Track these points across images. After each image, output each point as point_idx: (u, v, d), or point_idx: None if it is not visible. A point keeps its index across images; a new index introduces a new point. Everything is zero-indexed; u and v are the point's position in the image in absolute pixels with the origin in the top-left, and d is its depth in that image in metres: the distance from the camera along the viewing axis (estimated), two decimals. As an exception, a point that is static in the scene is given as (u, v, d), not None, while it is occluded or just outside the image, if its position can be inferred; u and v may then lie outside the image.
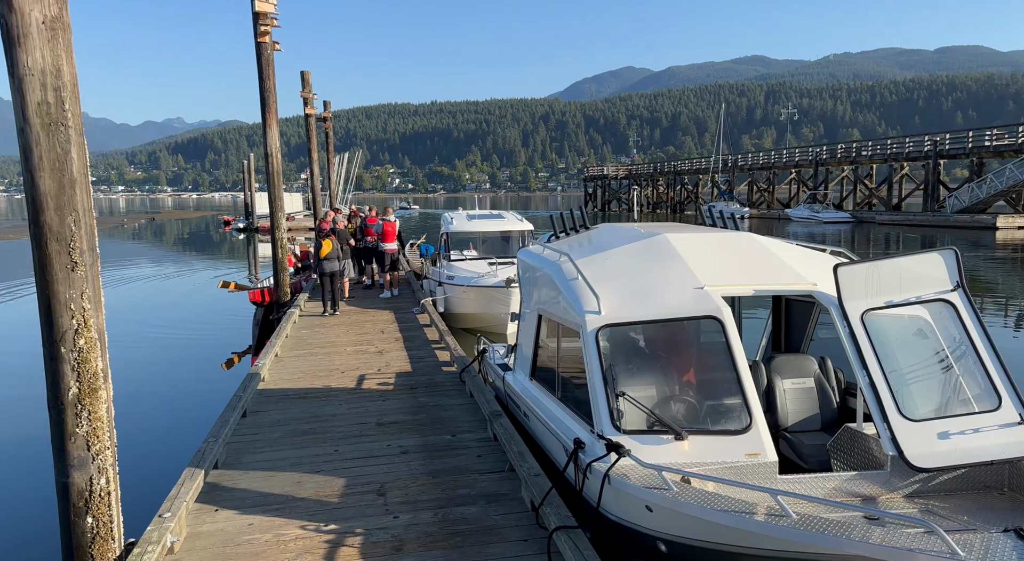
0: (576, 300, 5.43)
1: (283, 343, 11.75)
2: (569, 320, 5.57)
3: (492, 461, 6.41)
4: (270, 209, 16.10)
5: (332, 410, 8.08)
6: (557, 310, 5.92)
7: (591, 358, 5.02)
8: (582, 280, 5.53)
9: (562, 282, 5.81)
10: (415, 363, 10.32)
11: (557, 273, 6.00)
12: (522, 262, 7.25)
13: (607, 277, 5.55)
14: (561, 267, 6.00)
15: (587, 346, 5.10)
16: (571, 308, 5.46)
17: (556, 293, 5.93)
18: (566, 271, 5.88)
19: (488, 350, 8.97)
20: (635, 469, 4.43)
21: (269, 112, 15.70)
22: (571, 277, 5.75)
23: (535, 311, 6.67)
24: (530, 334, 6.82)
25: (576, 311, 5.35)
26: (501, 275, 14.07)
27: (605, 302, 5.23)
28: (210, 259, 36.13)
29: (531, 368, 6.78)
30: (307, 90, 27.16)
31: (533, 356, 6.73)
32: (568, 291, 5.62)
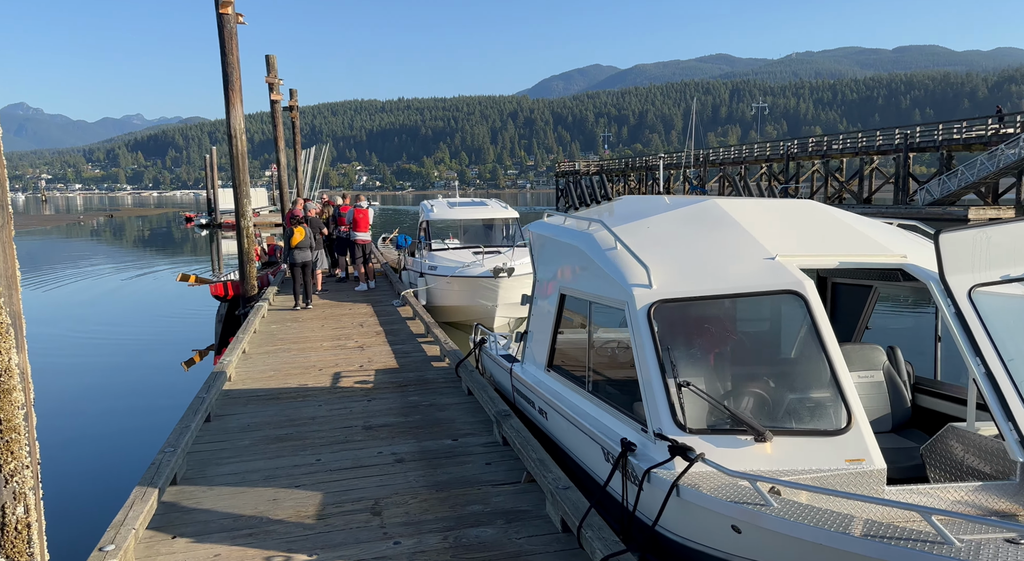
0: (618, 273, 4.51)
1: (251, 339, 10.63)
2: (608, 297, 4.64)
3: (505, 470, 5.45)
4: (235, 195, 14.90)
5: (310, 412, 7.05)
6: (589, 287, 4.99)
7: (643, 341, 4.10)
8: (624, 250, 4.61)
9: (596, 253, 4.87)
10: (401, 358, 9.30)
11: (588, 244, 5.06)
12: (536, 236, 6.28)
13: (654, 246, 4.63)
14: (593, 236, 5.06)
15: (637, 327, 4.18)
16: (612, 283, 4.54)
17: (588, 267, 4.99)
18: (600, 241, 4.95)
19: (487, 340, 7.98)
20: (710, 478, 3.52)
21: (233, 90, 14.50)
22: (607, 247, 4.82)
23: (555, 290, 5.73)
24: (547, 318, 5.87)
25: (620, 286, 4.43)
26: (488, 265, 13.11)
27: (657, 274, 4.32)
28: (172, 256, 34.54)
29: (548, 358, 5.84)
30: (272, 75, 25.83)
31: (551, 343, 5.78)
32: (606, 263, 4.70)
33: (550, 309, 5.85)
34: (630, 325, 4.28)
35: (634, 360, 4.23)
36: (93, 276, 25.64)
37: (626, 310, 4.35)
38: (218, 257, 33.59)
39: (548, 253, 6.00)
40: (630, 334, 4.28)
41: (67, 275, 25.85)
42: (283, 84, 26.41)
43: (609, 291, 4.62)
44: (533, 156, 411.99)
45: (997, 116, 47.70)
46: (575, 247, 5.25)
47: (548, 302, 5.94)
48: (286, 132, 30.65)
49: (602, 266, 4.73)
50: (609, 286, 4.61)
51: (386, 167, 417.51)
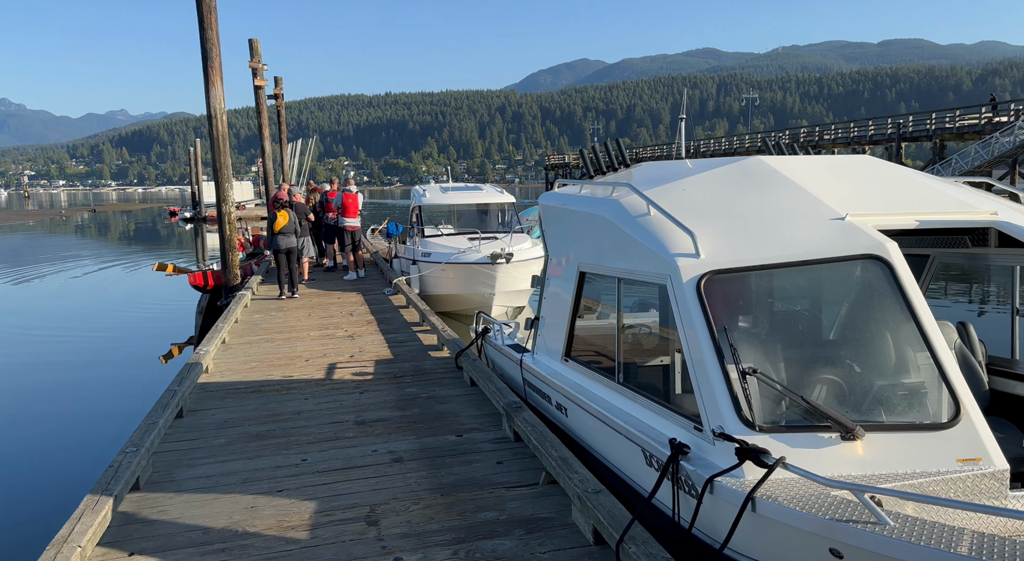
0: (656, 242, 3.81)
1: (232, 328, 9.87)
2: (644, 272, 3.94)
3: (519, 470, 4.74)
4: (214, 178, 14.07)
5: (296, 406, 6.31)
6: (618, 261, 4.29)
7: (693, 320, 3.41)
8: (661, 215, 3.91)
9: (626, 222, 4.16)
10: (395, 348, 8.57)
11: (615, 211, 4.34)
12: (548, 208, 5.56)
13: (697, 210, 3.93)
14: (620, 203, 4.35)
15: (684, 304, 3.48)
16: (648, 255, 3.84)
17: (615, 238, 4.29)
18: (630, 207, 4.24)
19: (492, 328, 7.26)
20: (789, 488, 2.84)
21: (212, 67, 13.67)
22: (639, 213, 4.11)
23: (573, 269, 5.02)
24: (564, 301, 5.17)
25: (659, 257, 3.73)
26: (484, 250, 12.39)
27: (705, 242, 3.62)
28: (154, 250, 33.59)
29: (566, 346, 5.13)
30: (256, 60, 24.92)
31: (569, 330, 5.08)
32: (640, 232, 3.99)
33: (567, 291, 5.14)
34: (674, 303, 3.59)
35: (681, 345, 3.53)
36: (71, 270, 24.71)
37: (668, 285, 3.65)
38: (202, 250, 32.70)
39: (563, 226, 5.29)
40: (674, 314, 3.59)
41: (44, 270, 24.90)
42: (267, 70, 25.53)
43: (645, 264, 3.92)
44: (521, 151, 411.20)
45: (990, 104, 47.40)
46: (598, 217, 4.54)
47: (564, 283, 5.23)
48: (272, 126, 29.76)
49: (634, 236, 4.03)
50: (645, 258, 3.90)
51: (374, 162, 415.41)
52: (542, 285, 5.78)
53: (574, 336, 5.12)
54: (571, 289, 5.05)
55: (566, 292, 5.16)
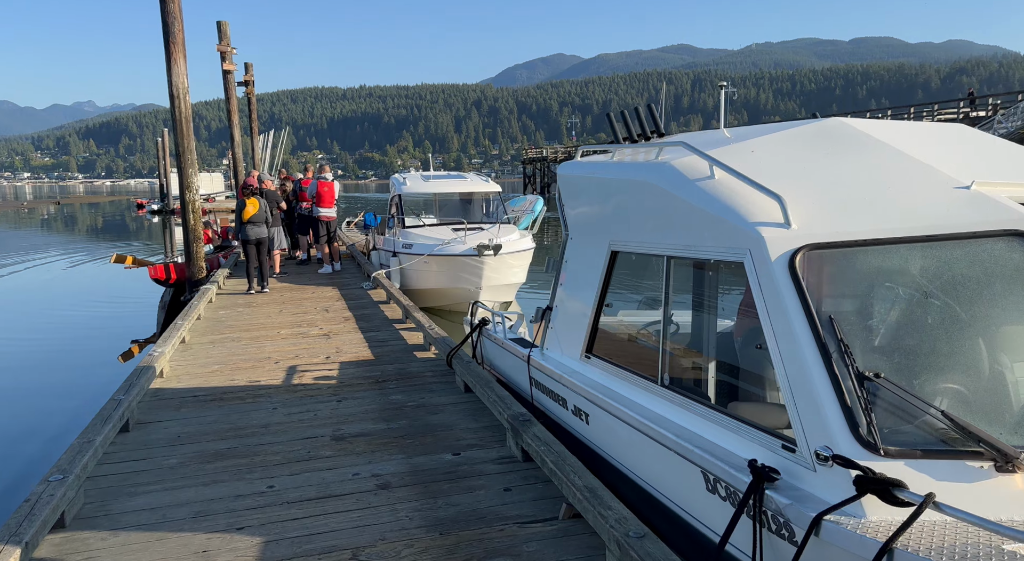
0: (727, 208, 3.04)
1: (194, 326, 8.93)
2: (709, 246, 3.17)
3: (531, 499, 3.94)
4: (178, 165, 13.06)
5: (263, 417, 5.44)
6: (669, 235, 3.51)
7: (786, 307, 2.65)
8: (732, 177, 3.14)
9: (683, 186, 3.37)
10: (376, 347, 7.71)
11: (666, 175, 3.54)
12: (571, 178, 4.72)
13: (774, 173, 3.17)
14: (672, 166, 3.55)
15: (772, 286, 2.73)
16: (717, 223, 3.08)
17: (667, 207, 3.51)
18: (687, 169, 3.45)
19: (491, 321, 6.41)
20: (933, 534, 2.09)
21: (174, 43, 12.64)
22: (700, 176, 3.33)
23: (602, 248, 4.21)
24: (588, 286, 4.37)
25: (734, 225, 2.97)
26: (470, 242, 11.55)
27: (796, 208, 2.86)
28: (120, 244, 32.25)
29: (588, 340, 4.33)
30: (225, 43, 23.76)
31: (594, 320, 4.28)
32: (702, 197, 3.21)
33: (592, 275, 4.33)
34: (756, 285, 2.82)
35: (766, 339, 2.76)
36: (31, 265, 23.40)
37: (748, 262, 2.88)
38: (171, 243, 31.44)
39: (590, 199, 4.46)
40: (756, 299, 2.81)
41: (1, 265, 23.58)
42: (236, 54, 24.37)
43: (711, 237, 3.14)
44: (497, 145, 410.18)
45: (968, 99, 47.48)
46: (642, 183, 3.73)
47: (588, 266, 4.43)
48: (243, 119, 28.57)
49: (696, 202, 3.24)
50: (712, 229, 3.12)
51: (348, 156, 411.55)
52: (558, 269, 4.97)
53: (599, 329, 4.32)
54: (598, 273, 4.25)
55: (591, 276, 4.35)
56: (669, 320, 3.60)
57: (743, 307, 3.65)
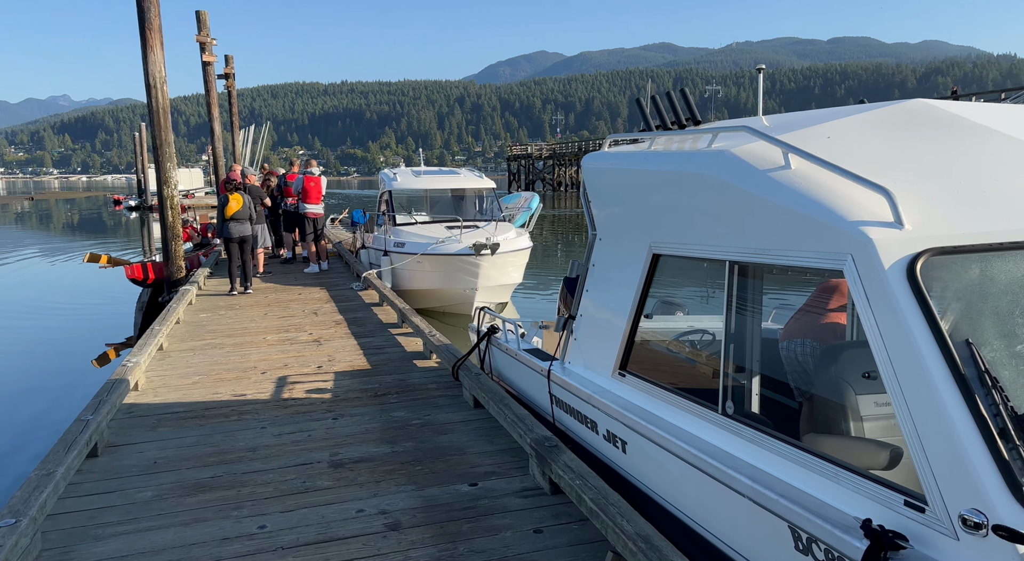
0: (816, 204, 2.53)
1: (172, 331, 8.30)
2: (792, 249, 2.65)
3: (567, 544, 3.39)
4: (155, 158, 12.36)
5: (250, 439, 4.85)
6: (734, 236, 2.98)
7: (908, 327, 2.15)
8: (817, 167, 2.62)
9: (751, 178, 2.85)
10: (372, 356, 7.12)
11: (727, 165, 3.01)
12: (598, 172, 4.18)
13: (870, 162, 2.66)
14: (734, 155, 3.02)
15: (885, 300, 2.23)
16: (805, 222, 2.56)
17: (732, 202, 2.98)
18: (754, 158, 2.92)
19: (502, 329, 5.84)
20: None
21: (150, 29, 11.95)
22: (772, 166, 2.81)
23: (641, 251, 3.68)
24: (622, 294, 3.84)
25: (829, 225, 2.45)
26: (466, 240, 10.99)
27: (908, 204, 2.35)
28: (96, 241, 31.30)
29: (622, 355, 3.80)
30: (204, 33, 22.96)
31: (630, 332, 3.75)
32: (780, 191, 2.68)
33: (628, 281, 3.80)
34: (862, 299, 2.30)
35: (878, 365, 2.24)
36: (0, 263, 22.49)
37: (849, 270, 2.37)
38: (149, 240, 30.55)
39: (624, 194, 3.92)
40: (864, 316, 2.30)
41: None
42: (216, 45, 23.57)
43: (793, 238, 2.62)
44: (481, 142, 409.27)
45: (952, 97, 47.62)
46: (697, 175, 3.20)
47: (621, 270, 3.90)
48: (223, 114, 27.74)
49: (769, 197, 2.72)
50: (794, 229, 2.60)
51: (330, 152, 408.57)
52: (583, 273, 4.43)
53: (635, 342, 3.79)
54: (635, 279, 3.72)
55: (625, 282, 3.82)
56: (731, 336, 3.07)
57: (826, 320, 3.15)
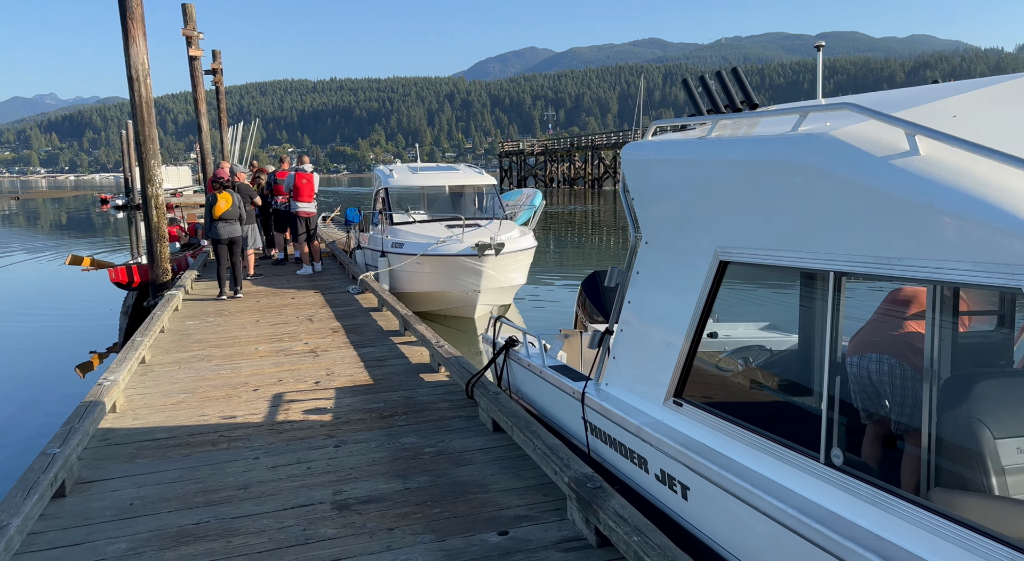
0: (971, 201, 2.00)
1: (156, 341, 7.68)
2: (931, 258, 2.10)
3: (627, 610, 2.83)
4: (139, 155, 11.71)
5: (241, 473, 4.26)
6: (840, 240, 2.42)
7: None
8: (979, 155, 2.06)
9: (870, 168, 2.28)
10: (374, 369, 6.53)
11: (834, 153, 2.43)
12: (644, 164, 3.58)
13: (1016, 144, 2.10)
14: (839, 140, 2.42)
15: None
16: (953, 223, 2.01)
17: (837, 197, 2.41)
18: (867, 143, 2.34)
19: (523, 342, 5.24)
20: None
21: (132, 20, 11.29)
22: (895, 152, 2.25)
23: (704, 256, 3.12)
24: (676, 307, 3.27)
25: (1000, 227, 1.90)
26: (468, 240, 10.40)
27: None
28: (83, 241, 30.52)
29: (678, 379, 3.24)
30: (190, 27, 22.25)
31: (689, 353, 3.19)
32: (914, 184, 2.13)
33: (683, 291, 3.24)
34: None
35: None
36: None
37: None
38: (137, 240, 29.78)
39: (680, 189, 3.33)
40: None
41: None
42: (203, 38, 22.85)
43: (940, 245, 2.06)
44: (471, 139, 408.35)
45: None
46: (786, 164, 2.62)
47: (675, 279, 3.33)
48: (211, 112, 27.03)
49: (900, 192, 2.16)
50: (941, 233, 2.05)
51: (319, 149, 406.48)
52: (623, 282, 3.86)
53: (694, 365, 3.22)
54: (696, 289, 3.15)
55: (682, 294, 3.25)
56: (838, 366, 2.51)
57: (903, 331, 2.60)
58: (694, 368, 3.25)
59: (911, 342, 2.97)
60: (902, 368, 2.79)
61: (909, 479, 2.39)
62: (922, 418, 2.51)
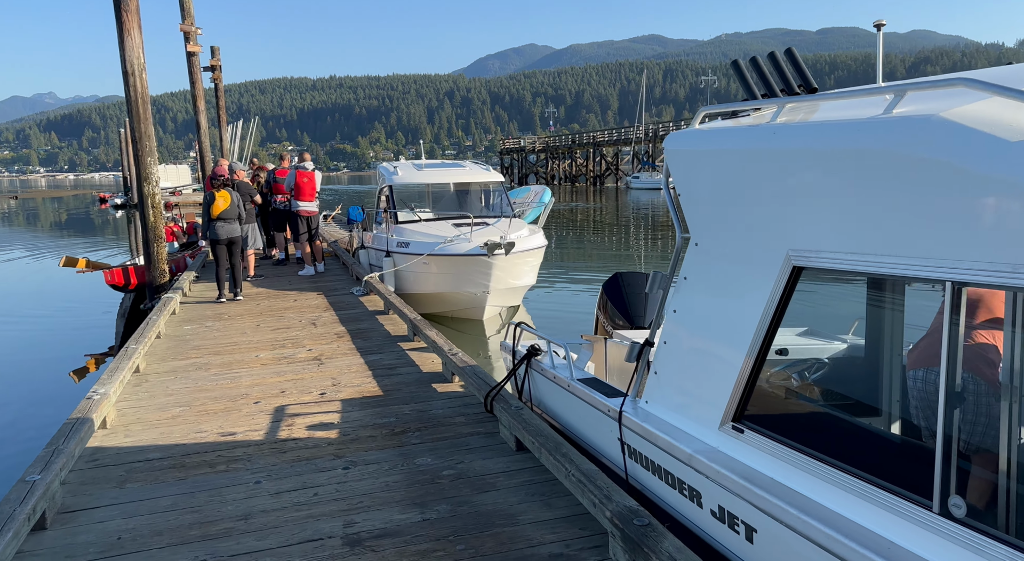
0: None
1: (152, 348, 7.29)
2: None
3: None
4: (134, 153, 11.30)
5: (241, 500, 3.86)
6: (955, 244, 2.02)
7: None
8: None
9: (1004, 159, 1.88)
10: (383, 378, 6.12)
11: (947, 139, 2.02)
12: (692, 156, 3.16)
13: None
14: (956, 123, 2.01)
15: None
16: None
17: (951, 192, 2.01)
18: (995, 126, 1.94)
19: (547, 350, 4.82)
20: None
21: (127, 11, 10.88)
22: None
23: (772, 262, 2.71)
24: (735, 319, 2.87)
25: None
26: (477, 239, 10.00)
27: None
28: (82, 240, 30.12)
29: (738, 402, 2.84)
30: (188, 22, 21.83)
31: (752, 374, 2.79)
32: None
33: (748, 302, 2.83)
34: None
35: None
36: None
37: None
38: (136, 240, 29.40)
39: (745, 184, 2.89)
40: None
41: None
42: (201, 34, 22.42)
43: None
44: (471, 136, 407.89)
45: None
46: (887, 153, 2.21)
47: (734, 287, 2.93)
48: (211, 110, 26.63)
49: None
50: None
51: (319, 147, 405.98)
52: (666, 288, 3.45)
53: (756, 386, 2.82)
54: (761, 299, 2.75)
55: (743, 303, 2.85)
56: (955, 395, 2.11)
57: (978, 341, 2.20)
58: (759, 389, 2.84)
59: (983, 352, 2.57)
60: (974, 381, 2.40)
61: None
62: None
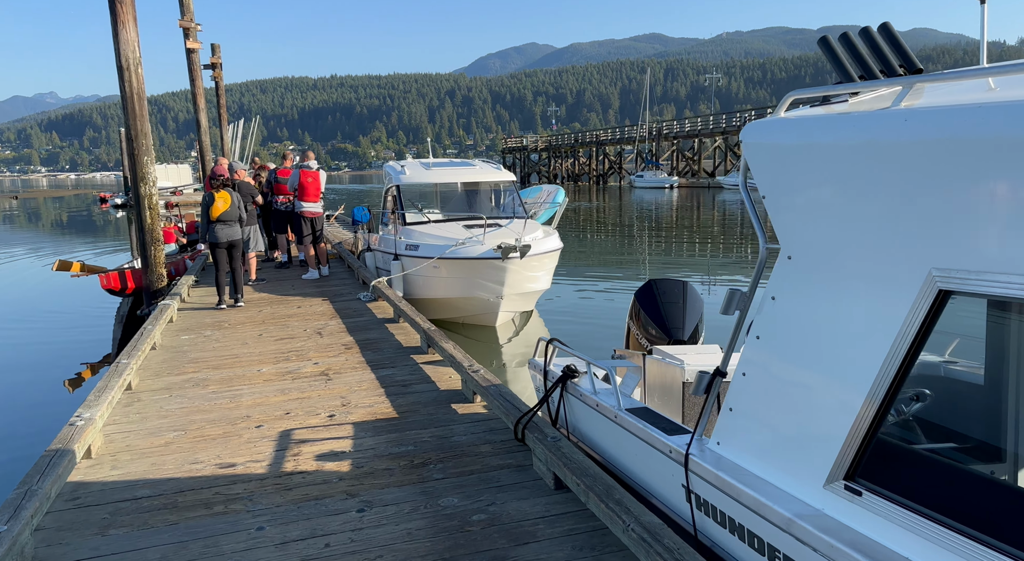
0: None
1: (146, 361, 6.76)
2: None
3: None
4: (130, 151, 10.78)
5: (241, 550, 3.33)
6: None
7: None
8: None
9: None
10: (397, 396, 5.59)
11: None
12: (781, 151, 2.57)
13: None
14: None
15: None
16: None
17: None
18: None
19: (586, 372, 4.27)
20: None
21: (121, 3, 10.35)
22: None
23: (906, 282, 2.16)
24: (848, 353, 2.33)
25: None
26: (490, 242, 9.47)
27: None
28: (82, 241, 29.61)
29: (855, 455, 2.31)
30: (187, 18, 21.30)
31: (876, 419, 2.25)
32: None
33: (868, 332, 2.29)
34: None
35: None
36: (-33, 265, 20.80)
37: None
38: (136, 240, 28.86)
39: (863, 186, 2.31)
40: None
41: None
42: (201, 30, 21.90)
43: None
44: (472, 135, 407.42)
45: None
46: None
47: (850, 314, 2.38)
48: (211, 109, 26.11)
49: None
50: None
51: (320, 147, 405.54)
52: (744, 307, 2.91)
53: (878, 433, 2.28)
54: (888, 330, 2.21)
55: (860, 334, 2.31)
56: None
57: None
58: (879, 441, 2.30)
59: None
60: None
61: None
62: None
